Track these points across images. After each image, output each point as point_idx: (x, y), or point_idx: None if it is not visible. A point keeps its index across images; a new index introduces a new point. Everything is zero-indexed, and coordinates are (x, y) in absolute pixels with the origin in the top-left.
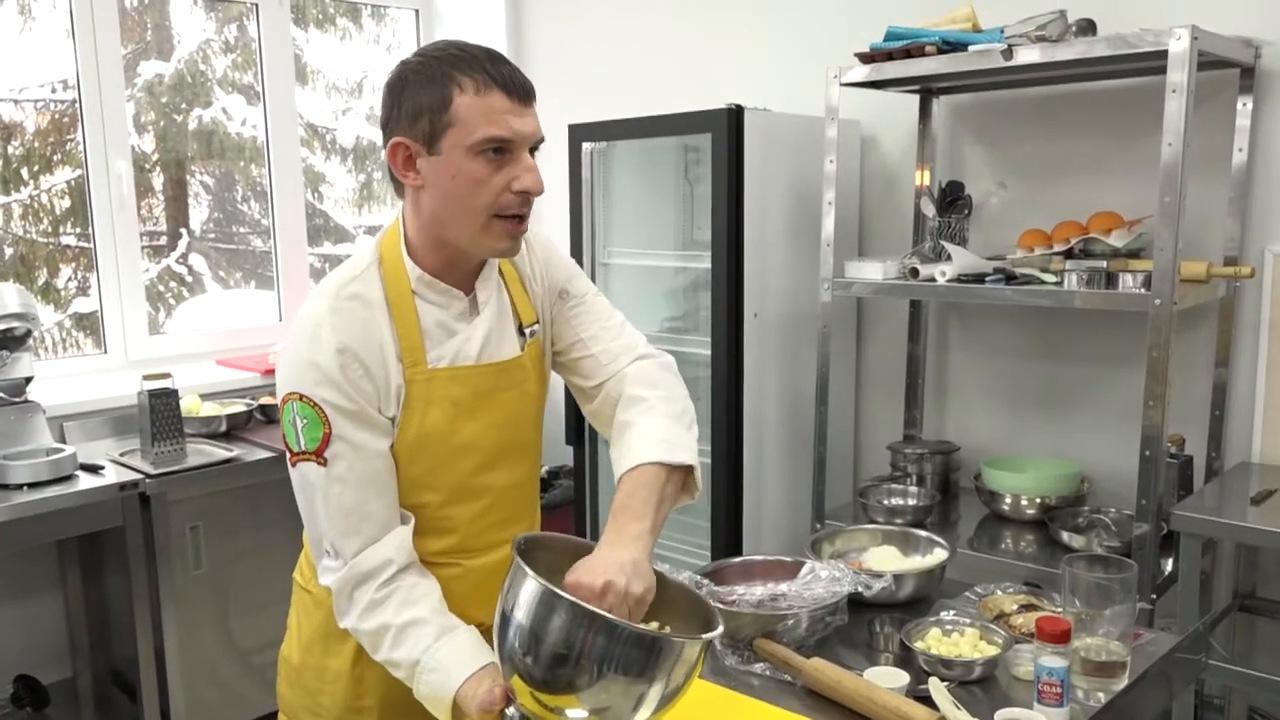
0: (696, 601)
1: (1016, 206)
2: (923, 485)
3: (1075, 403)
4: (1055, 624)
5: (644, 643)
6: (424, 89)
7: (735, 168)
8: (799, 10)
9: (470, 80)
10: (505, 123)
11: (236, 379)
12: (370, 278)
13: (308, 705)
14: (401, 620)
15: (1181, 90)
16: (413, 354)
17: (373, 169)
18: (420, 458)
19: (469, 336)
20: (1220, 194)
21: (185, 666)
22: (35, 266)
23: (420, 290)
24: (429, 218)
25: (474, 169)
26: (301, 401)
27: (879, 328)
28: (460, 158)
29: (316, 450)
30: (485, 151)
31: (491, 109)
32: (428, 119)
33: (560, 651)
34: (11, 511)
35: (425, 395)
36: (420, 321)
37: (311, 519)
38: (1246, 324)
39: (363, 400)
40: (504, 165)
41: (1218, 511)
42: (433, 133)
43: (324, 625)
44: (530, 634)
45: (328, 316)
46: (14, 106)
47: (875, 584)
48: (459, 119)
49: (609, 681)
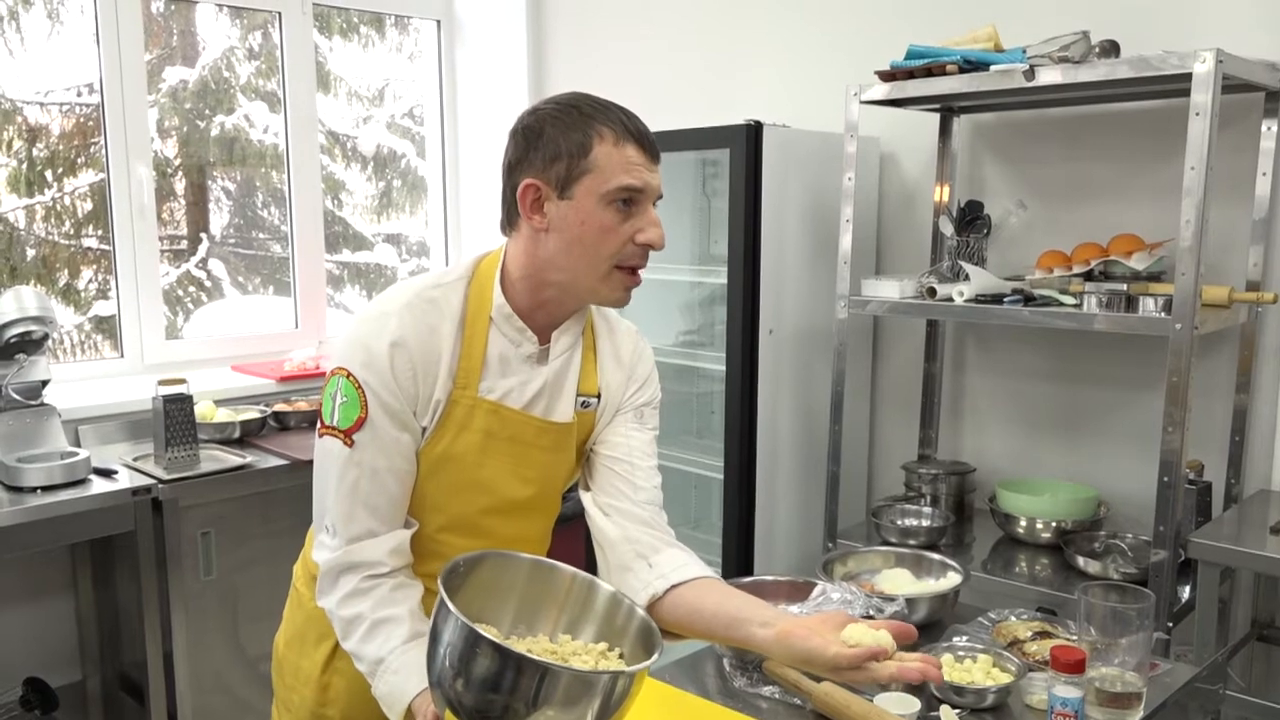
0: (645, 627)
1: (1036, 227)
2: (937, 506)
3: (1093, 426)
4: (1070, 653)
5: (577, 680)
6: (564, 134)
7: (753, 183)
8: (819, 27)
9: (610, 131)
10: (640, 174)
11: (251, 385)
12: (456, 290)
13: (284, 699)
14: (378, 615)
15: (1205, 113)
16: (467, 375)
17: (392, 177)
18: (439, 477)
19: (526, 381)
20: (1243, 218)
21: (193, 672)
22: (56, 268)
23: (498, 320)
24: (545, 260)
25: (604, 217)
26: (348, 380)
27: (895, 346)
28: (592, 204)
29: (348, 430)
30: (616, 201)
31: (629, 160)
32: (565, 163)
33: (488, 692)
34: (25, 515)
35: (463, 420)
36: (486, 349)
37: (322, 493)
38: (1268, 350)
39: (403, 399)
40: (631, 217)
41: (1236, 540)
42: (568, 177)
43: (303, 627)
44: (457, 667)
45: (399, 309)
46: (40, 109)
47: (888, 607)
48: (597, 166)
49: (542, 712)
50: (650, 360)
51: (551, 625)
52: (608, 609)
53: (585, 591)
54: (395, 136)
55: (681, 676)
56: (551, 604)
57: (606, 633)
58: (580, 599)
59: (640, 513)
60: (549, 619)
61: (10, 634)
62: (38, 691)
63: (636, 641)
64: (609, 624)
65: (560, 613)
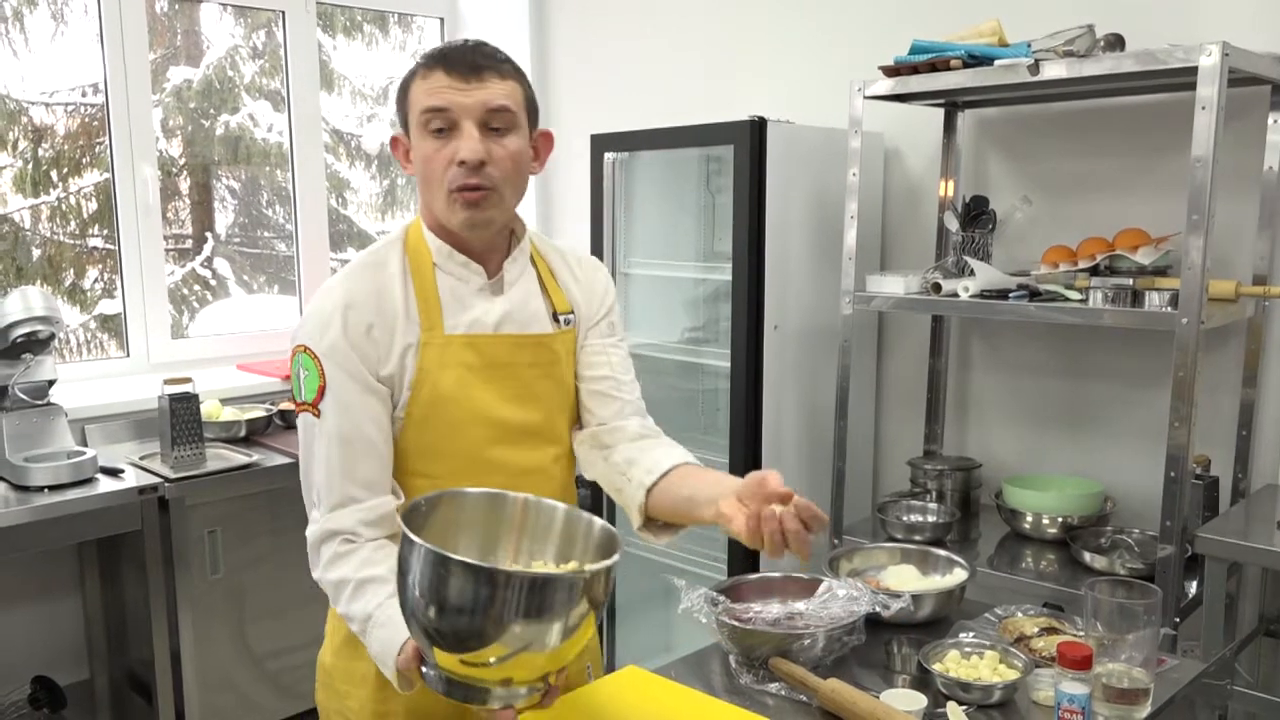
0: (606, 537)
1: (1041, 222)
2: (942, 502)
3: (1099, 421)
4: (1077, 649)
5: (539, 585)
6: (402, 83)
7: (757, 179)
8: (823, 23)
9: (424, 66)
10: (443, 95)
11: (257, 384)
12: (392, 250)
13: (338, 709)
14: (361, 575)
15: (1211, 106)
16: (429, 317)
17: (396, 175)
18: (434, 420)
19: (488, 309)
20: (1249, 212)
21: (201, 671)
22: (62, 268)
23: (441, 262)
24: (421, 201)
25: (424, 146)
26: (305, 354)
27: (900, 342)
28: (417, 138)
29: (313, 401)
30: (429, 127)
31: (433, 86)
32: (401, 108)
33: (457, 615)
34: (32, 514)
35: (439, 359)
36: (439, 290)
37: (306, 468)
38: (1275, 344)
39: (359, 361)
40: (450, 140)
41: (1243, 534)
42: (403, 119)
43: (350, 633)
44: (428, 596)
45: (342, 279)
46: (45, 109)
47: (894, 604)
48: (412, 100)
49: (512, 627)
50: (599, 267)
51: (513, 551)
52: (565, 527)
53: (541, 514)
54: None
55: (687, 673)
56: (510, 531)
57: (567, 550)
58: (537, 522)
59: (629, 426)
60: (510, 546)
61: (18, 633)
62: (46, 690)
63: (598, 553)
64: (569, 541)
65: (520, 539)
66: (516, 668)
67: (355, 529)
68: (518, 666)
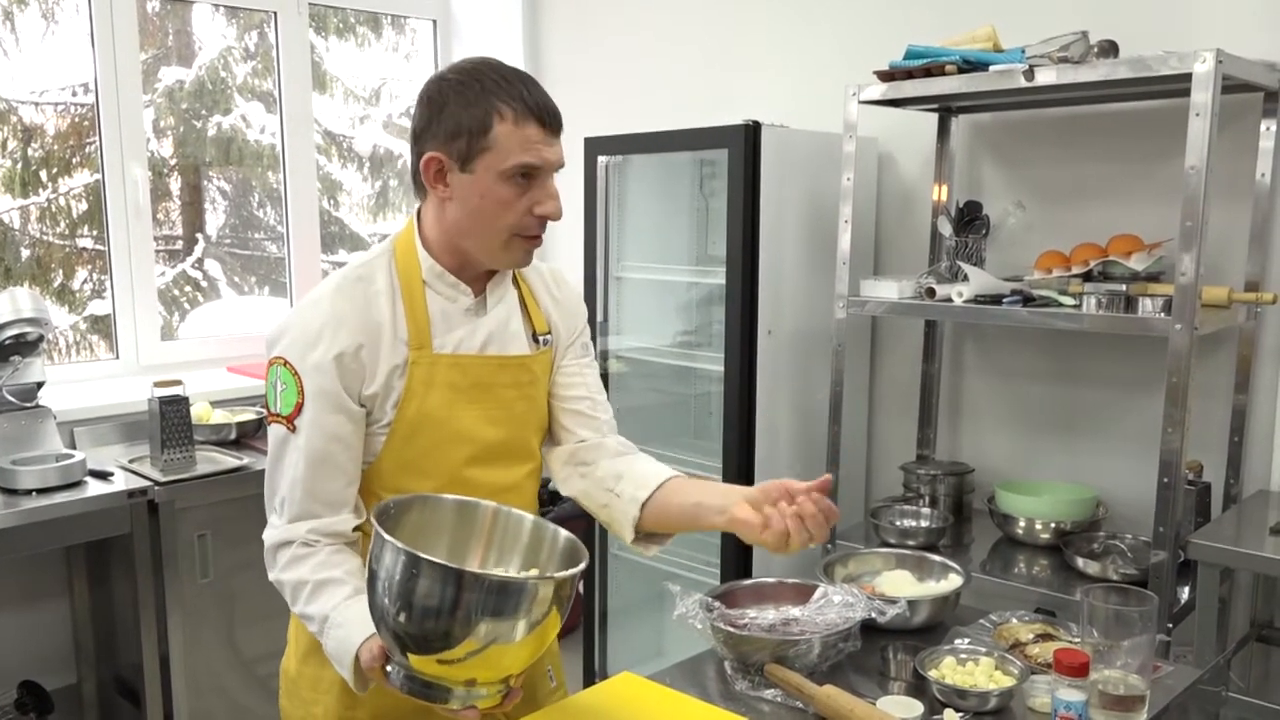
0: (570, 547)
1: (1035, 227)
2: (935, 507)
3: (1092, 427)
4: (1073, 656)
5: (507, 589)
6: (465, 110)
7: (751, 183)
8: (818, 27)
9: (510, 109)
10: (538, 152)
11: (247, 386)
12: (380, 265)
13: (304, 716)
14: (319, 577)
15: (1205, 113)
16: (419, 337)
17: (389, 176)
18: (417, 439)
19: (473, 331)
20: (1242, 218)
21: (190, 675)
22: (51, 269)
23: (430, 280)
24: (450, 226)
25: (502, 192)
26: (285, 367)
27: (894, 347)
28: (491, 180)
29: (289, 416)
30: (515, 177)
31: (527, 139)
32: (465, 140)
33: (426, 617)
34: (20, 517)
35: (428, 378)
36: (428, 309)
37: (271, 476)
38: (1268, 350)
39: (339, 381)
40: (529, 190)
41: (1236, 540)
42: (468, 153)
43: (315, 640)
44: (398, 595)
45: (329, 294)
46: (35, 109)
47: (889, 610)
48: (496, 144)
49: (479, 626)
50: (573, 285)
51: (480, 559)
52: (532, 536)
53: (509, 523)
54: (391, 136)
55: (683, 679)
56: (479, 539)
57: (533, 559)
58: (504, 531)
59: (608, 443)
60: (477, 554)
61: (5, 637)
62: (33, 695)
63: (562, 563)
64: (534, 550)
65: (488, 547)
66: (481, 667)
67: (312, 538)
68: (482, 666)
